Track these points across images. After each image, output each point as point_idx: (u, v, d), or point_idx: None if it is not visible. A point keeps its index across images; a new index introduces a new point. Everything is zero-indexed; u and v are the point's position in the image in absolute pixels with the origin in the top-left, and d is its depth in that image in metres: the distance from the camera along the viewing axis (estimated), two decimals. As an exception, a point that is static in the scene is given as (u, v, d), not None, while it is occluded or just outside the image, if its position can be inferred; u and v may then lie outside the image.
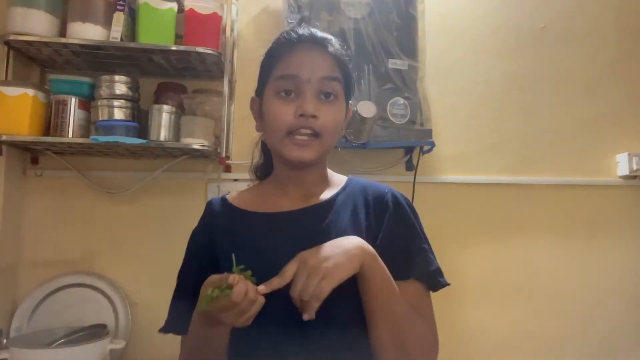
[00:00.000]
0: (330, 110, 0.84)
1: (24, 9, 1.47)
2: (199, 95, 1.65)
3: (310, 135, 0.82)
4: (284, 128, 0.82)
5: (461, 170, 1.84)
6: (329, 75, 0.84)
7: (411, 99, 1.66)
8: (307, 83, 0.83)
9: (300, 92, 0.83)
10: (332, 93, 0.85)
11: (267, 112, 0.86)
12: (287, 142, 0.83)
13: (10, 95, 1.47)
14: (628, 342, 1.83)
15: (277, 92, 0.84)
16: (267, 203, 0.90)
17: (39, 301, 1.60)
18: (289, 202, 0.89)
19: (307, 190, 0.90)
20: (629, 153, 1.84)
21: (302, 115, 0.81)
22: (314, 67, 0.84)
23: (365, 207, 0.89)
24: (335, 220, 0.86)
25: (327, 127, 0.83)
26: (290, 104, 0.83)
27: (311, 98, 0.82)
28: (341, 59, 0.87)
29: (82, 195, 1.70)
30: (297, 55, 0.85)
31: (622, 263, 1.86)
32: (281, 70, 0.85)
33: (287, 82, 0.83)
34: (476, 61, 1.89)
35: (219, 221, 0.91)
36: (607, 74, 1.93)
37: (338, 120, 0.86)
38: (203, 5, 1.55)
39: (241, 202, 0.93)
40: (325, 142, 0.84)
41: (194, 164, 1.71)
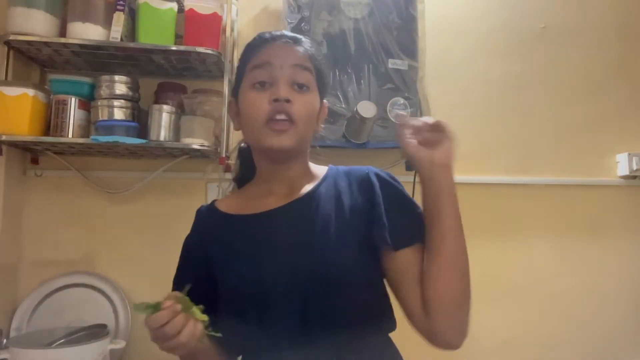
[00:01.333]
0: (304, 98, 0.85)
1: (24, 9, 1.46)
2: (199, 95, 1.65)
3: (286, 121, 0.83)
4: (261, 116, 0.83)
5: (461, 170, 1.82)
6: (301, 64, 0.86)
7: (411, 99, 1.66)
8: (280, 69, 0.84)
9: (274, 79, 0.84)
10: (304, 84, 0.86)
11: (244, 104, 0.87)
12: (265, 130, 0.83)
13: (10, 95, 1.47)
14: (629, 342, 1.83)
15: (252, 85, 0.86)
16: (253, 204, 0.90)
17: (39, 301, 1.60)
18: (274, 201, 0.89)
19: (291, 186, 0.90)
20: (629, 153, 1.84)
21: (276, 100, 0.82)
22: (286, 55, 0.86)
23: (349, 190, 0.88)
24: (319, 211, 0.85)
25: (301, 114, 0.84)
26: (264, 93, 0.84)
27: (284, 84, 0.84)
28: (313, 54, 0.89)
29: (82, 195, 1.70)
30: (270, 47, 0.87)
31: (622, 263, 1.86)
32: (255, 61, 0.87)
33: (260, 72, 0.85)
34: (476, 61, 1.89)
35: (209, 228, 0.92)
36: (607, 74, 1.93)
37: (312, 109, 0.87)
38: (203, 5, 1.55)
39: (228, 207, 0.93)
40: (300, 129, 0.84)
41: (194, 164, 1.71)
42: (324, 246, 0.81)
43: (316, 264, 0.80)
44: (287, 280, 0.79)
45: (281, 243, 0.83)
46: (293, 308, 0.78)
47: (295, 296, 0.78)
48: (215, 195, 1.70)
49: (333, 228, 0.83)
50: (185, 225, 0.98)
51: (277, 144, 0.83)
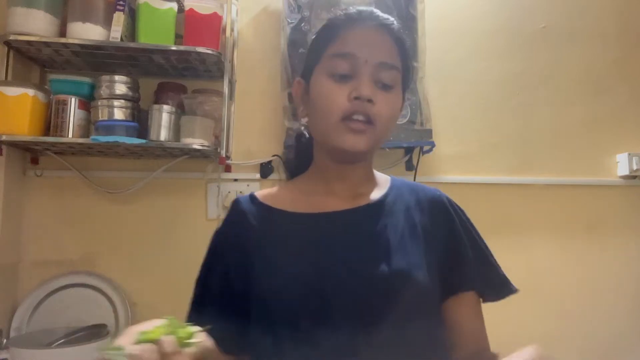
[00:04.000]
0: (387, 98, 0.76)
1: (24, 9, 1.46)
2: (199, 95, 1.65)
3: (365, 122, 0.74)
4: (337, 112, 0.74)
5: (461, 170, 1.84)
6: (388, 62, 0.76)
7: (411, 99, 1.66)
8: (365, 64, 0.75)
9: (356, 73, 0.75)
10: (389, 81, 0.76)
11: (318, 94, 0.77)
12: (341, 128, 0.74)
13: (10, 95, 1.47)
14: (629, 342, 1.83)
15: (330, 73, 0.76)
16: (308, 202, 0.81)
17: (39, 301, 1.60)
18: (334, 202, 0.80)
19: (354, 189, 0.82)
20: (629, 153, 1.84)
21: (357, 98, 0.73)
22: (373, 48, 0.76)
23: (419, 209, 0.82)
24: (391, 221, 0.79)
25: (382, 115, 0.75)
26: (344, 86, 0.75)
27: (368, 81, 0.74)
28: (402, 45, 0.79)
29: (82, 195, 1.70)
30: (356, 34, 0.77)
31: (622, 263, 1.86)
32: (337, 48, 0.76)
33: (342, 62, 0.75)
34: (476, 61, 1.89)
35: (252, 222, 0.81)
36: (607, 74, 1.93)
37: (394, 110, 0.79)
38: (203, 5, 1.55)
39: (276, 202, 0.83)
40: (379, 132, 0.76)
41: (194, 164, 1.71)
42: (398, 260, 0.74)
43: (390, 278, 0.72)
44: (354, 290, 0.72)
45: (348, 249, 0.75)
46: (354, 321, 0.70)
47: (359, 308, 0.71)
48: (216, 195, 1.70)
49: (407, 243, 0.77)
50: (185, 225, 0.97)
51: (351, 144, 0.74)
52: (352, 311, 0.71)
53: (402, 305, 0.71)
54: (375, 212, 0.80)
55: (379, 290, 0.72)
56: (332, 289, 0.72)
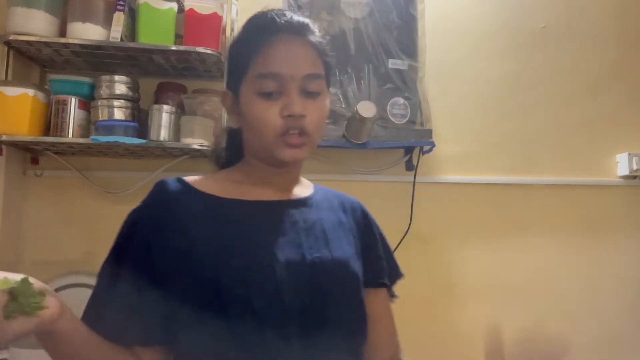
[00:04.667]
0: (317, 107, 0.79)
1: (24, 9, 1.46)
2: (199, 95, 1.65)
3: (301, 134, 0.77)
4: (273, 130, 0.76)
5: (461, 170, 1.84)
6: (312, 73, 0.78)
7: (411, 99, 1.66)
8: (291, 80, 0.76)
9: (284, 90, 0.76)
10: (316, 89, 0.79)
11: (249, 112, 0.78)
12: (278, 143, 0.77)
13: (10, 95, 1.47)
14: (628, 342, 1.83)
15: (259, 92, 0.77)
16: (241, 191, 0.82)
17: (39, 301, 1.60)
18: (268, 193, 0.82)
19: (284, 186, 0.86)
20: (629, 153, 1.84)
21: (289, 115, 0.75)
22: (296, 63, 0.77)
23: (343, 210, 0.88)
24: (322, 216, 0.84)
25: (315, 125, 0.78)
26: (274, 104, 0.76)
27: (297, 96, 0.76)
28: (322, 48, 0.81)
29: (82, 195, 1.70)
30: (277, 49, 0.77)
31: (623, 263, 1.86)
32: (260, 68, 0.77)
33: (269, 82, 0.76)
34: (476, 61, 1.89)
35: (181, 205, 0.77)
36: (607, 74, 1.93)
37: (325, 115, 0.82)
38: (203, 5, 1.55)
39: (207, 187, 0.81)
40: (313, 140, 0.80)
41: (194, 164, 1.71)
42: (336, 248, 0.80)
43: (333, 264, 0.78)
44: (301, 273, 0.75)
45: (292, 235, 0.78)
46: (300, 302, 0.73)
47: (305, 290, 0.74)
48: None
49: (342, 236, 0.83)
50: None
51: (291, 157, 0.78)
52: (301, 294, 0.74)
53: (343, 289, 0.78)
54: (307, 206, 0.84)
55: (325, 274, 0.76)
56: (281, 272, 0.73)
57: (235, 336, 0.70)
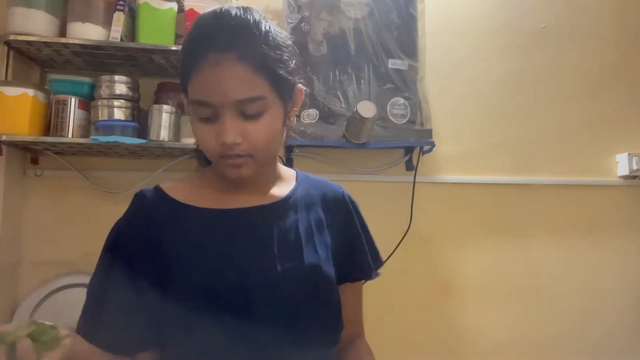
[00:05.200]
0: (257, 128, 0.73)
1: (24, 9, 1.46)
2: (199, 95, 1.65)
3: (242, 156, 0.74)
4: (212, 153, 0.75)
5: (461, 170, 1.84)
6: (246, 97, 0.71)
7: (411, 99, 1.66)
8: (221, 108, 0.71)
9: (217, 117, 0.72)
10: (255, 111, 0.72)
11: (193, 132, 0.77)
12: (221, 164, 0.76)
13: (10, 95, 1.47)
14: (628, 342, 1.83)
15: (195, 115, 0.74)
16: (218, 198, 0.81)
17: (39, 301, 1.60)
18: (244, 199, 0.81)
19: (260, 187, 0.84)
20: (629, 153, 1.84)
21: (222, 144, 0.72)
22: (227, 89, 0.70)
23: (323, 205, 0.87)
24: (299, 218, 0.83)
25: (257, 146, 0.74)
26: (210, 130, 0.73)
27: (230, 123, 0.71)
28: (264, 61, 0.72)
29: (82, 195, 1.70)
30: (206, 74, 0.70)
31: (622, 263, 1.86)
32: (193, 94, 0.73)
33: (201, 109, 0.73)
34: (476, 61, 1.89)
35: (160, 217, 0.78)
36: (607, 74, 1.93)
37: (270, 132, 0.75)
38: (203, 5, 1.55)
39: (185, 196, 0.81)
40: (260, 158, 0.76)
41: (194, 164, 1.70)
42: (310, 254, 0.80)
43: (304, 272, 0.78)
44: (272, 285, 0.75)
45: (264, 245, 0.77)
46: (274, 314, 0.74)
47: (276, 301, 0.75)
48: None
49: (315, 237, 0.82)
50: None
51: (236, 176, 0.76)
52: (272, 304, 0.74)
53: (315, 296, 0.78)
54: (284, 209, 0.83)
55: (296, 283, 0.76)
56: (252, 284, 0.74)
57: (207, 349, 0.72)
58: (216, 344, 0.72)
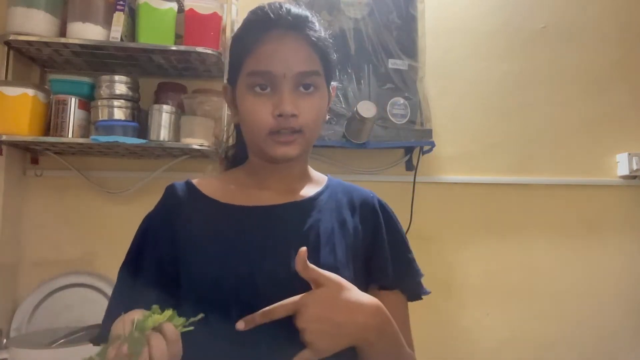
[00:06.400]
0: (311, 104, 0.77)
1: (24, 9, 1.47)
2: (199, 95, 1.65)
3: (293, 132, 0.76)
4: (264, 128, 0.76)
5: (461, 170, 1.84)
6: (306, 70, 0.76)
7: (411, 99, 1.66)
8: (283, 78, 0.75)
9: (276, 88, 0.75)
10: (311, 84, 0.77)
11: (242, 109, 0.79)
12: (269, 141, 0.77)
13: (10, 95, 1.47)
14: (627, 342, 1.83)
15: (250, 88, 0.77)
16: (243, 195, 0.82)
17: (39, 301, 1.60)
18: (269, 196, 0.82)
19: (288, 185, 0.84)
20: (629, 153, 1.84)
21: (280, 115, 0.74)
22: (289, 61, 0.75)
23: (350, 208, 0.85)
24: (321, 218, 0.81)
25: (309, 123, 0.77)
26: (266, 102, 0.76)
27: (289, 95, 0.75)
28: (320, 44, 0.79)
29: (82, 195, 1.70)
30: (269, 46, 0.76)
31: (622, 263, 1.86)
32: (252, 65, 0.76)
33: (260, 79, 0.76)
34: (476, 61, 1.89)
35: (186, 210, 0.81)
36: (607, 73, 1.93)
37: (320, 112, 0.80)
38: (203, 5, 1.55)
39: (212, 191, 0.83)
40: (308, 137, 0.79)
41: (194, 164, 1.71)
42: (326, 255, 0.77)
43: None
44: (284, 283, 0.73)
45: (281, 243, 0.76)
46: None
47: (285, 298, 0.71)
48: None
49: (335, 240, 0.80)
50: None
51: (282, 155, 0.77)
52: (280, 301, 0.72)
53: None
54: (307, 208, 0.82)
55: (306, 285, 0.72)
56: (263, 281, 0.73)
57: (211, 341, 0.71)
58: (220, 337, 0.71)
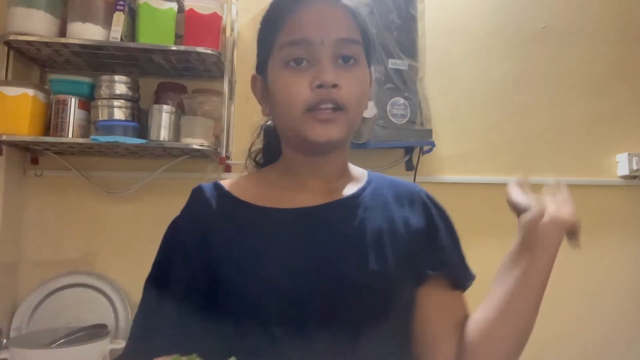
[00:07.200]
0: (353, 77, 0.69)
1: (24, 9, 1.46)
2: (199, 95, 1.66)
3: (335, 109, 0.67)
4: (301, 105, 0.67)
5: (461, 170, 1.84)
6: (346, 37, 0.68)
7: (411, 99, 1.66)
8: (321, 46, 0.67)
9: (314, 58, 0.67)
10: (351, 56, 0.69)
11: (276, 88, 0.70)
12: (307, 120, 0.67)
13: (10, 95, 1.47)
14: (627, 342, 1.83)
15: (285, 63, 0.68)
16: (281, 197, 0.74)
17: (39, 301, 1.60)
18: (309, 197, 0.73)
19: (327, 184, 0.75)
20: (629, 153, 1.84)
21: (320, 86, 0.66)
22: (327, 26, 0.68)
23: (397, 201, 0.77)
24: (368, 217, 0.72)
25: (352, 98, 0.68)
26: (303, 74, 0.67)
27: (328, 64, 0.67)
28: (359, 15, 0.71)
29: (82, 195, 1.70)
30: (305, 14, 0.69)
31: (622, 263, 1.86)
32: (286, 36, 0.69)
33: (296, 49, 0.68)
34: (476, 61, 1.89)
35: (217, 214, 0.73)
36: (607, 74, 1.93)
37: (363, 89, 0.71)
38: (203, 5, 1.55)
39: (242, 193, 0.75)
40: (351, 116, 0.69)
41: (194, 164, 1.71)
42: (374, 261, 0.69)
43: (369, 280, 0.68)
44: (331, 292, 0.66)
45: (321, 249, 0.69)
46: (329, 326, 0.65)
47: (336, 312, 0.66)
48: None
49: (384, 241, 0.71)
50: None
51: (323, 136, 0.67)
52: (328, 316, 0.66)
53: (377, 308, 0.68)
54: (350, 208, 0.73)
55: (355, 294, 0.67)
56: (308, 293, 0.66)
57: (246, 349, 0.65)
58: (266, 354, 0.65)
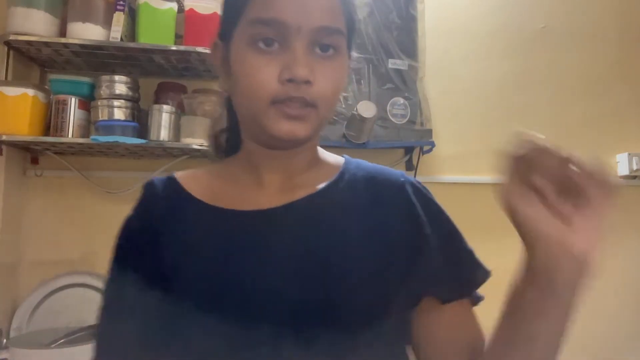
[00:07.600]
0: (330, 70, 0.58)
1: (24, 9, 1.46)
2: (199, 95, 1.65)
3: (305, 105, 0.57)
4: (266, 95, 0.56)
5: (461, 170, 1.84)
6: (329, 26, 0.57)
7: (411, 99, 1.66)
8: (297, 32, 0.56)
9: (287, 44, 0.56)
10: (331, 46, 0.58)
11: (239, 70, 0.59)
12: (272, 113, 0.57)
13: (10, 95, 1.47)
14: (627, 342, 1.83)
15: (251, 41, 0.57)
16: (234, 195, 0.64)
17: (39, 301, 1.60)
18: (265, 196, 0.63)
19: (290, 180, 0.64)
20: (629, 153, 1.84)
21: (290, 80, 0.55)
22: (308, 10, 0.56)
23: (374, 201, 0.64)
24: (338, 217, 0.62)
25: (326, 96, 0.58)
26: (272, 61, 0.56)
27: (303, 55, 0.56)
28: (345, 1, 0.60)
29: (82, 195, 1.70)
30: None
31: (622, 263, 1.86)
32: (257, 11, 0.57)
33: (267, 29, 0.56)
34: (476, 61, 1.89)
35: (167, 211, 0.65)
36: (607, 74, 1.93)
37: (340, 83, 0.60)
38: (203, 5, 1.55)
39: (198, 190, 0.66)
40: (322, 114, 0.59)
41: (194, 164, 1.70)
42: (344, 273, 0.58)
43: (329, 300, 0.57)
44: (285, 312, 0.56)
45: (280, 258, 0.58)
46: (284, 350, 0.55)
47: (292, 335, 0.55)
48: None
49: (358, 248, 0.60)
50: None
51: (289, 133, 0.57)
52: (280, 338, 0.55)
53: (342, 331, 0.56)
54: (317, 207, 0.62)
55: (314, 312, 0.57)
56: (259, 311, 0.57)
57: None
58: None
